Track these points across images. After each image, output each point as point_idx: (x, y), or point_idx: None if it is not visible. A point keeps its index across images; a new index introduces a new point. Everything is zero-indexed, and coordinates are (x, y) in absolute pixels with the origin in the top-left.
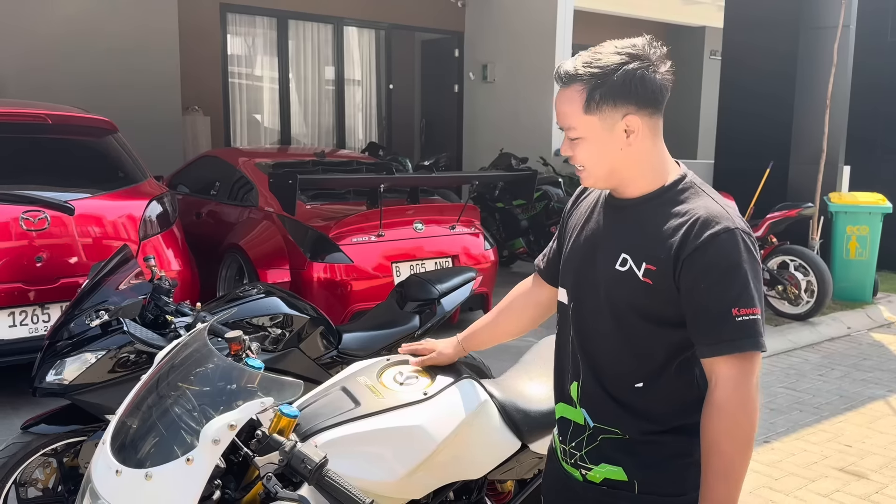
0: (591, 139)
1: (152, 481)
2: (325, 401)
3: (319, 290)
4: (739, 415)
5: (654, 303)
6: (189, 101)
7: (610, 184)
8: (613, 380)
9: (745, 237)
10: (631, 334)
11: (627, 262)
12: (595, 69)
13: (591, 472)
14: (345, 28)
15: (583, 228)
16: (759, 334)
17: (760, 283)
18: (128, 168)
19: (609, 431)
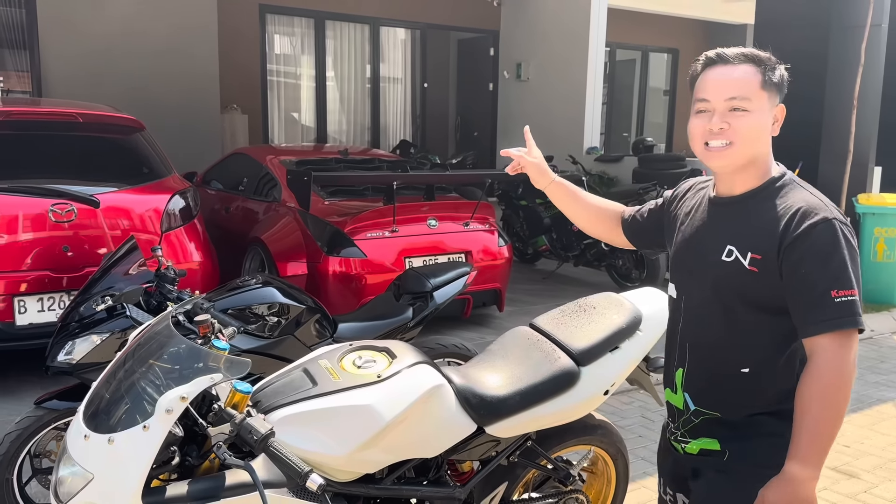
0: (756, 114)
1: (114, 445)
2: (286, 380)
3: (334, 282)
4: (834, 381)
5: (759, 290)
6: (228, 99)
7: (741, 167)
8: (720, 365)
9: (841, 226)
10: (738, 322)
11: (733, 253)
12: (764, 58)
13: (688, 446)
14: (381, 28)
15: (688, 227)
16: (857, 313)
17: (858, 268)
18: (153, 164)
19: (708, 414)
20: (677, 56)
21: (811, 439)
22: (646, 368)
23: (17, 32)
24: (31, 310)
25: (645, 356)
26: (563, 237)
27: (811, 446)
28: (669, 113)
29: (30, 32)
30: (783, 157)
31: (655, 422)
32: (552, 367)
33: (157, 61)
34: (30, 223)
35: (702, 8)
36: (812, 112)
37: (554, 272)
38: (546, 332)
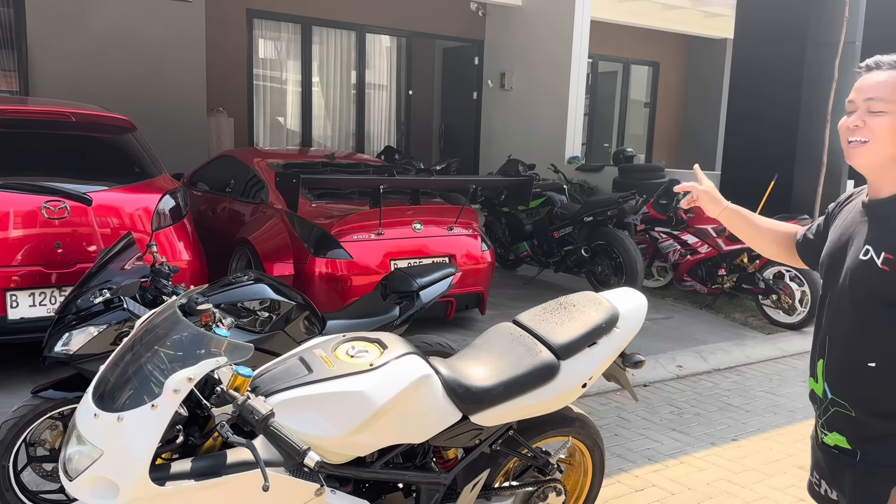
0: (893, 116)
1: (123, 423)
2: (284, 367)
3: (320, 283)
4: None
5: (890, 288)
6: (214, 102)
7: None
8: (851, 357)
9: None
10: (868, 317)
11: (869, 252)
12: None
13: (826, 437)
14: (367, 35)
15: (839, 228)
16: None
17: None
18: (144, 164)
19: (840, 405)
20: (658, 69)
21: None
22: (622, 364)
23: (5, 31)
24: (23, 304)
25: (621, 352)
26: (544, 243)
27: None
28: (649, 125)
29: (18, 32)
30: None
31: (631, 421)
32: (533, 361)
33: (145, 63)
34: (23, 219)
35: (683, 22)
36: (787, 126)
37: (535, 278)
38: (528, 328)
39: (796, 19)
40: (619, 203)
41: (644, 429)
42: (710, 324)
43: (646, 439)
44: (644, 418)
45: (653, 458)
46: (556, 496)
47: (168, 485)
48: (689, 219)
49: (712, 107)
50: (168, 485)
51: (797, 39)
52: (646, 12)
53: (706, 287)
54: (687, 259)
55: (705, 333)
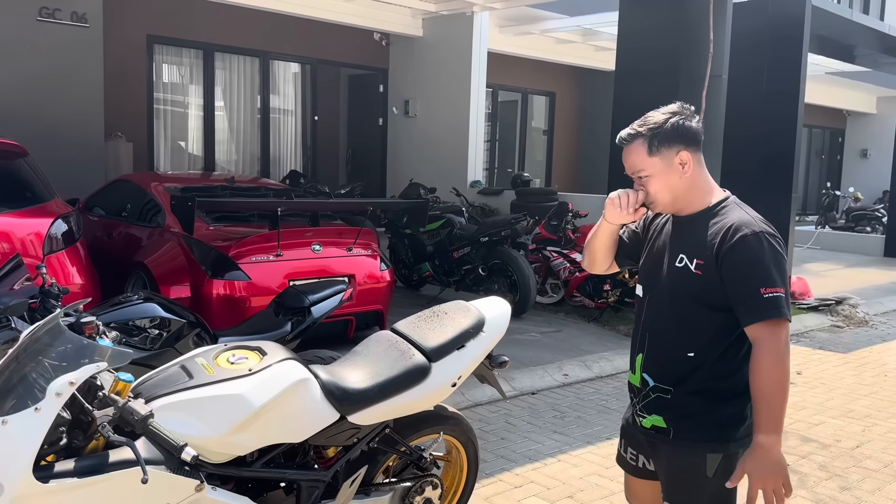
0: (656, 175)
1: (7, 426)
2: (165, 375)
3: (218, 304)
4: (771, 364)
5: (703, 290)
6: (112, 127)
7: (674, 208)
8: (673, 349)
9: (767, 237)
10: (687, 314)
11: (683, 260)
12: (650, 125)
13: (644, 420)
14: (272, 61)
15: (656, 241)
16: (782, 307)
17: (782, 270)
18: (36, 189)
19: (663, 389)
20: (554, 98)
21: (766, 412)
22: (489, 364)
23: None
24: None
25: (489, 354)
26: (445, 263)
27: (768, 417)
28: (548, 151)
29: None
30: None
31: (517, 426)
32: (406, 363)
33: (39, 87)
34: None
35: (574, 55)
36: None
37: (437, 297)
38: (403, 334)
39: (670, 54)
40: (512, 224)
41: (528, 432)
42: (597, 335)
43: (529, 441)
44: (529, 423)
45: (533, 457)
46: (432, 490)
47: (52, 483)
48: (577, 238)
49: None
50: (52, 483)
51: (670, 72)
52: (540, 46)
53: (594, 301)
54: (576, 276)
55: (591, 344)
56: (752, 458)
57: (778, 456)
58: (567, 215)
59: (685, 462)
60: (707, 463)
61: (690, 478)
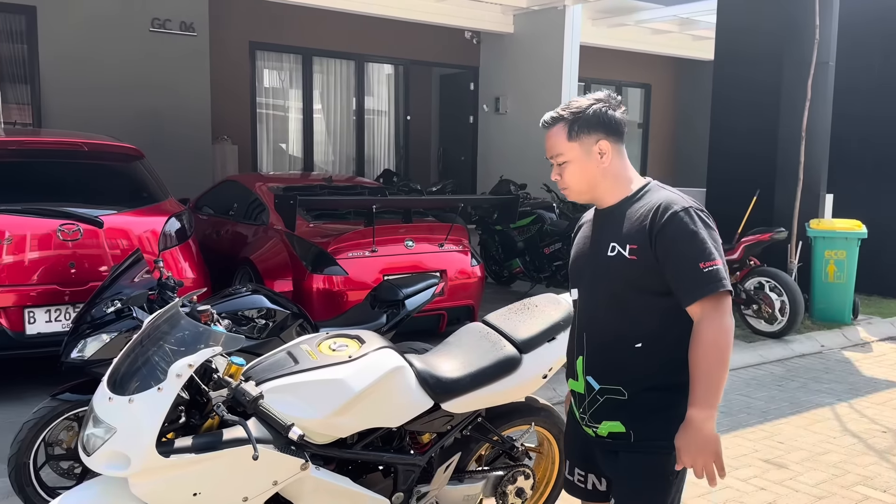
0: (574, 161)
1: (133, 404)
2: (273, 360)
3: (318, 298)
4: (714, 337)
5: (640, 274)
6: (219, 131)
7: (589, 197)
8: (617, 343)
9: (697, 212)
10: (627, 304)
11: (616, 248)
12: (573, 109)
13: (598, 429)
14: (366, 63)
15: (581, 237)
16: (723, 278)
17: (717, 243)
18: (151, 189)
19: (612, 390)
20: (649, 91)
21: (704, 387)
22: None
23: (20, 67)
24: (40, 320)
25: None
26: (536, 260)
27: (705, 392)
28: (643, 145)
29: (31, 67)
30: (743, 186)
31: None
32: (498, 354)
33: (153, 95)
34: (40, 241)
35: (671, 45)
36: (767, 143)
37: (527, 293)
38: (494, 326)
39: (774, 40)
40: None
41: None
42: None
43: None
44: None
45: None
46: (524, 479)
47: (172, 457)
48: None
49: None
50: (172, 457)
51: (773, 61)
52: (635, 37)
53: None
54: None
55: None
56: (683, 433)
57: (710, 432)
58: None
59: (647, 466)
60: (671, 463)
61: (653, 481)
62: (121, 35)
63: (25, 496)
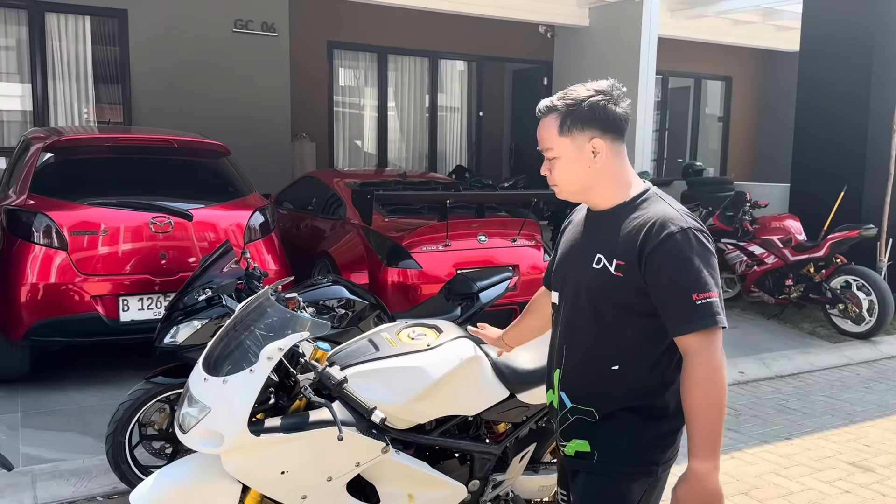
0: (564, 158)
1: (227, 385)
2: (355, 347)
3: (393, 291)
4: (707, 377)
5: (625, 293)
6: (298, 128)
7: (581, 198)
8: (593, 363)
9: (696, 234)
10: (608, 323)
11: (602, 261)
12: (568, 101)
13: (566, 448)
14: (440, 60)
15: (568, 240)
16: (717, 313)
17: (715, 271)
18: (237, 184)
19: (584, 411)
20: (730, 83)
21: (702, 435)
22: None
23: (112, 68)
24: (133, 308)
25: None
26: None
27: (704, 441)
28: (723, 138)
29: (122, 68)
30: (830, 182)
31: None
32: None
33: (235, 94)
34: (134, 233)
35: (754, 37)
36: (855, 137)
37: None
38: None
39: (862, 32)
40: None
41: None
42: (777, 333)
43: None
44: None
45: None
46: None
47: (262, 436)
48: (756, 230)
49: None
50: (262, 436)
51: (862, 52)
52: (716, 28)
53: (773, 298)
54: (754, 270)
55: (770, 342)
56: (685, 486)
57: (714, 486)
58: (745, 206)
59: (605, 492)
60: (631, 492)
61: None
62: (205, 36)
63: (121, 473)
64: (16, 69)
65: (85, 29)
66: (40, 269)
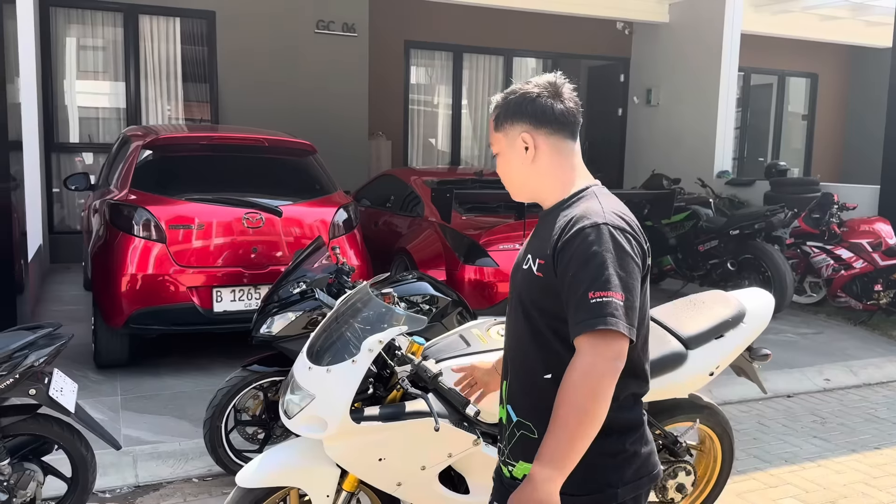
0: (501, 155)
1: (331, 374)
2: (447, 342)
3: (469, 288)
4: (579, 388)
5: (546, 295)
6: (375, 127)
7: (529, 196)
8: (528, 373)
9: (612, 230)
10: (536, 327)
11: (529, 261)
12: (506, 95)
13: (514, 469)
14: (514, 58)
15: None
16: (611, 314)
17: (627, 273)
18: (323, 182)
19: (525, 426)
20: (816, 80)
21: (555, 440)
22: (749, 357)
23: (200, 67)
24: (226, 299)
25: (749, 346)
26: (689, 257)
27: (552, 446)
28: (807, 137)
29: (210, 67)
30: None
31: (771, 427)
32: (663, 349)
33: (316, 93)
34: (229, 228)
35: (841, 32)
36: None
37: (679, 291)
38: (659, 321)
39: None
40: (767, 216)
41: (784, 435)
42: (864, 340)
43: (784, 444)
44: (784, 425)
45: (790, 460)
46: (685, 476)
47: (363, 424)
48: (843, 233)
49: (876, 118)
50: (363, 424)
51: None
52: (801, 24)
53: (861, 303)
54: (841, 274)
55: (857, 349)
56: (517, 490)
57: (547, 495)
58: (832, 208)
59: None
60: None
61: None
62: (289, 36)
63: (217, 456)
64: (112, 69)
65: (175, 30)
66: (140, 261)
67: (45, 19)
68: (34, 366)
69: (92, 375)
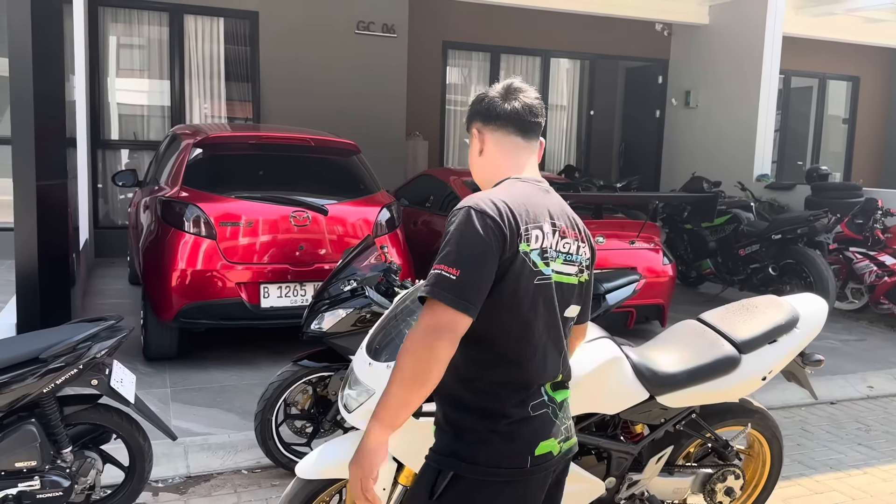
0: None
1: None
2: None
3: None
4: (409, 351)
5: None
6: (412, 127)
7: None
8: None
9: (473, 212)
10: None
11: None
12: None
13: None
14: (551, 59)
15: None
16: (441, 286)
17: (473, 255)
18: (367, 181)
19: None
20: (858, 83)
21: (384, 397)
22: (801, 363)
23: (243, 67)
24: (272, 295)
25: (801, 352)
26: (729, 261)
27: (382, 403)
28: (848, 141)
29: (252, 67)
30: None
31: (815, 434)
32: (716, 352)
33: (355, 93)
34: (276, 226)
35: (885, 35)
36: None
37: (718, 295)
38: (711, 325)
39: None
40: (811, 221)
41: (828, 441)
42: None
43: (829, 450)
44: (829, 432)
45: (835, 466)
46: (734, 479)
47: (420, 419)
48: (888, 239)
49: None
50: (420, 419)
51: None
52: (843, 26)
53: None
54: (884, 281)
55: None
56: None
57: (372, 443)
58: (875, 213)
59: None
60: (436, 480)
61: (415, 492)
62: (330, 37)
63: (267, 449)
64: (156, 68)
65: (219, 30)
66: (190, 256)
67: (93, 18)
68: (96, 357)
69: (141, 368)
